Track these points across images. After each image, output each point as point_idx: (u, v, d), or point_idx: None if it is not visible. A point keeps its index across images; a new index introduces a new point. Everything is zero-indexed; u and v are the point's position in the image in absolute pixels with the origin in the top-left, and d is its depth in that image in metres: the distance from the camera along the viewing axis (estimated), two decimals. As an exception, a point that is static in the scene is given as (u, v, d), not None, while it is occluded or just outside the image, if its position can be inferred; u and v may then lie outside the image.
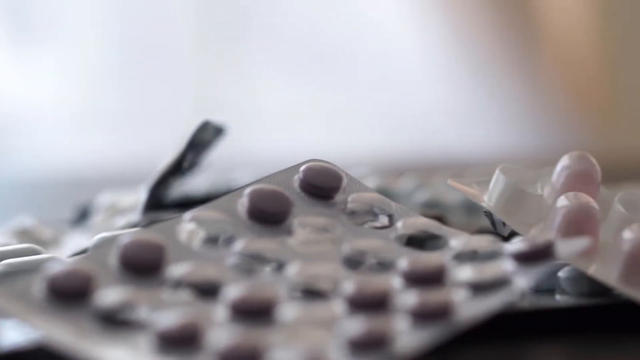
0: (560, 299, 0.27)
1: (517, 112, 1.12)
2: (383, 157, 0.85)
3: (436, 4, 1.13)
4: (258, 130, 1.05)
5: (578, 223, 0.27)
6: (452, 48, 1.13)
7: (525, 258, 0.25)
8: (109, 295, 0.23)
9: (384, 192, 0.35)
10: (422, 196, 0.35)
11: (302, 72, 1.14)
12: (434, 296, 0.24)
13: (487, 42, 1.12)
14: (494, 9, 1.12)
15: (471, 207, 0.35)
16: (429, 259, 0.26)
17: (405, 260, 0.25)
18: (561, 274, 0.28)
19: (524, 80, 1.12)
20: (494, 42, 1.12)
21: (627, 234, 0.26)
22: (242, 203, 0.27)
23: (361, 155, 0.87)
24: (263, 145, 1.02)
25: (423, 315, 0.23)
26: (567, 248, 0.26)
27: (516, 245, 0.26)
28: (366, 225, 0.28)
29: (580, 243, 0.26)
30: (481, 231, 0.32)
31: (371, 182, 0.36)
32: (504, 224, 0.29)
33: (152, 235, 0.25)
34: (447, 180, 0.30)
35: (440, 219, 0.32)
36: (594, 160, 0.30)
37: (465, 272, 0.25)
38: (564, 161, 0.30)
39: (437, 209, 0.34)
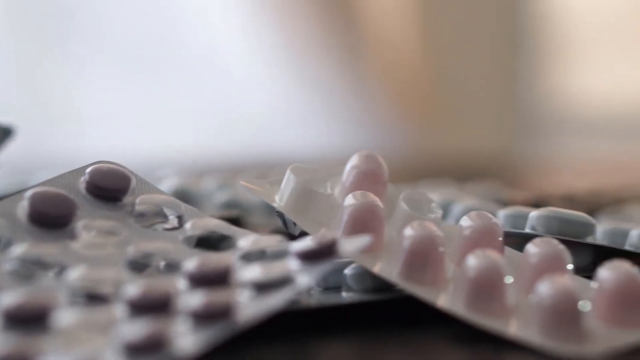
0: (345, 296, 0.28)
1: (343, 112, 1.14)
2: (208, 157, 0.84)
3: (264, 7, 1.14)
4: (78, 131, 1.02)
5: (363, 221, 0.28)
6: (280, 50, 1.14)
7: (309, 256, 0.26)
8: None
9: (184, 193, 0.35)
10: (223, 197, 0.36)
11: (129, 73, 1.13)
12: (216, 297, 0.24)
13: (313, 44, 1.13)
14: (319, 12, 1.13)
15: (271, 208, 0.35)
16: (214, 260, 0.26)
17: (191, 261, 0.25)
18: (347, 271, 0.28)
19: (349, 81, 1.14)
20: (320, 44, 1.13)
21: (408, 231, 0.27)
22: (23, 206, 0.26)
23: (184, 155, 0.86)
24: (83, 146, 1.00)
25: (204, 316, 0.23)
26: (350, 246, 0.26)
27: (301, 244, 0.26)
28: (155, 227, 0.28)
29: (362, 240, 0.26)
30: (276, 231, 0.33)
31: (172, 183, 0.36)
32: (294, 223, 0.29)
33: None
34: (242, 181, 0.30)
35: (236, 219, 0.32)
36: (381, 160, 0.30)
37: (251, 272, 0.25)
38: (352, 161, 0.30)
39: (237, 210, 0.34)
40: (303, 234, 0.29)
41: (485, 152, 1.07)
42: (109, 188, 0.27)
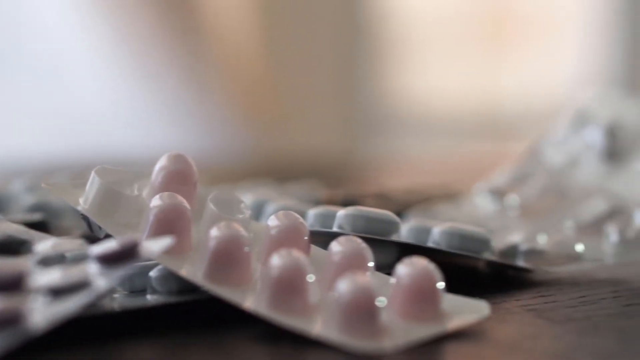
0: (150, 299, 0.28)
1: (185, 113, 1.13)
2: (43, 159, 0.82)
3: (101, 7, 1.11)
4: None
5: (168, 222, 0.28)
6: (122, 52, 1.12)
7: (110, 259, 0.25)
8: None
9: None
10: (30, 199, 0.35)
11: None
12: (6, 303, 0.23)
13: (153, 45, 1.12)
14: (161, 15, 1.12)
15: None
16: (7, 265, 0.25)
17: (-17, 268, 0.25)
18: (152, 273, 0.28)
19: (191, 82, 1.13)
20: (160, 45, 1.12)
21: (213, 232, 0.27)
22: None
23: (16, 157, 0.84)
24: None
25: (-6, 323, 0.23)
26: (153, 247, 0.26)
27: (102, 247, 0.26)
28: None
29: (165, 242, 0.26)
30: (84, 235, 0.32)
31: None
32: (99, 226, 0.29)
33: None
34: (43, 183, 0.29)
35: (41, 223, 0.31)
36: (191, 161, 0.30)
37: (48, 277, 0.25)
38: (161, 161, 0.30)
39: (44, 213, 0.33)
40: (108, 236, 0.29)
41: (326, 152, 1.08)
42: None
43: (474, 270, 0.34)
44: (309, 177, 0.51)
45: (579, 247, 0.33)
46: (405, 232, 0.32)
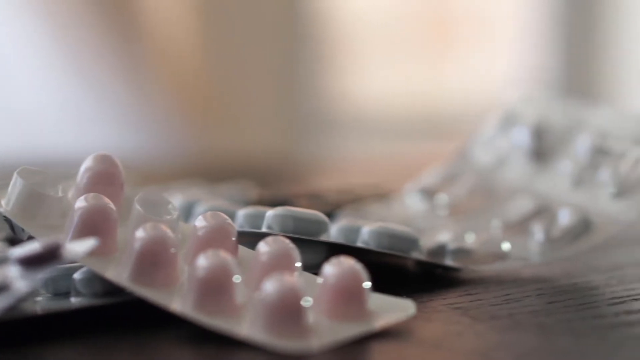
0: (74, 301, 0.27)
1: (123, 113, 1.12)
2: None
3: (38, 6, 1.10)
4: None
5: (93, 224, 0.28)
6: (55, 50, 1.10)
7: (31, 262, 0.25)
8: None
9: None
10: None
11: None
12: None
13: (90, 44, 1.11)
14: (97, 12, 1.11)
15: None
16: None
17: None
18: (76, 275, 0.28)
19: (129, 82, 1.12)
20: (97, 44, 1.11)
21: (139, 233, 0.27)
22: None
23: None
24: None
25: None
26: (76, 249, 0.26)
27: (23, 249, 0.25)
28: None
29: (88, 244, 0.26)
30: (7, 237, 0.32)
31: None
32: (22, 228, 0.28)
33: None
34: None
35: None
36: (117, 161, 0.30)
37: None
38: (87, 162, 0.30)
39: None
40: (32, 238, 0.28)
41: (264, 153, 1.08)
42: None
43: (403, 270, 0.34)
44: (246, 177, 0.50)
45: (506, 246, 0.33)
46: (335, 232, 0.32)
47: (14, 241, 0.28)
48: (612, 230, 0.32)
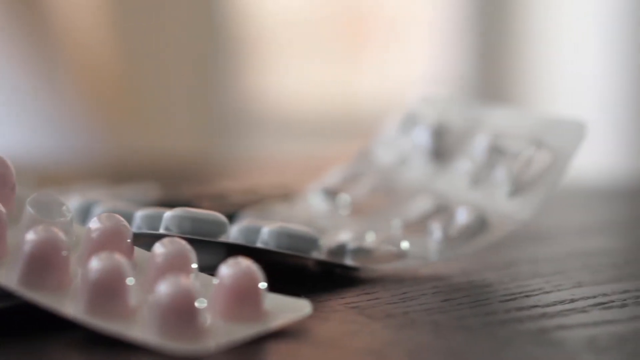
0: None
1: (33, 112, 1.10)
2: None
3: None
4: None
5: (-19, 227, 0.27)
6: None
7: None
8: None
9: None
10: None
11: None
12: None
13: (0, 42, 1.08)
14: (8, 9, 1.09)
15: None
16: None
17: None
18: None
19: (40, 81, 1.10)
20: (7, 42, 1.09)
21: (30, 236, 0.27)
22: None
23: None
24: None
25: None
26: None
27: None
28: None
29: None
30: None
31: None
32: None
33: None
34: None
35: None
36: (8, 162, 0.29)
37: None
38: (-25, 164, 0.29)
39: None
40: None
41: (178, 153, 1.07)
42: None
43: (303, 269, 0.34)
44: (155, 178, 0.50)
45: (405, 245, 0.33)
46: (235, 232, 0.32)
47: None
48: (507, 228, 0.33)
